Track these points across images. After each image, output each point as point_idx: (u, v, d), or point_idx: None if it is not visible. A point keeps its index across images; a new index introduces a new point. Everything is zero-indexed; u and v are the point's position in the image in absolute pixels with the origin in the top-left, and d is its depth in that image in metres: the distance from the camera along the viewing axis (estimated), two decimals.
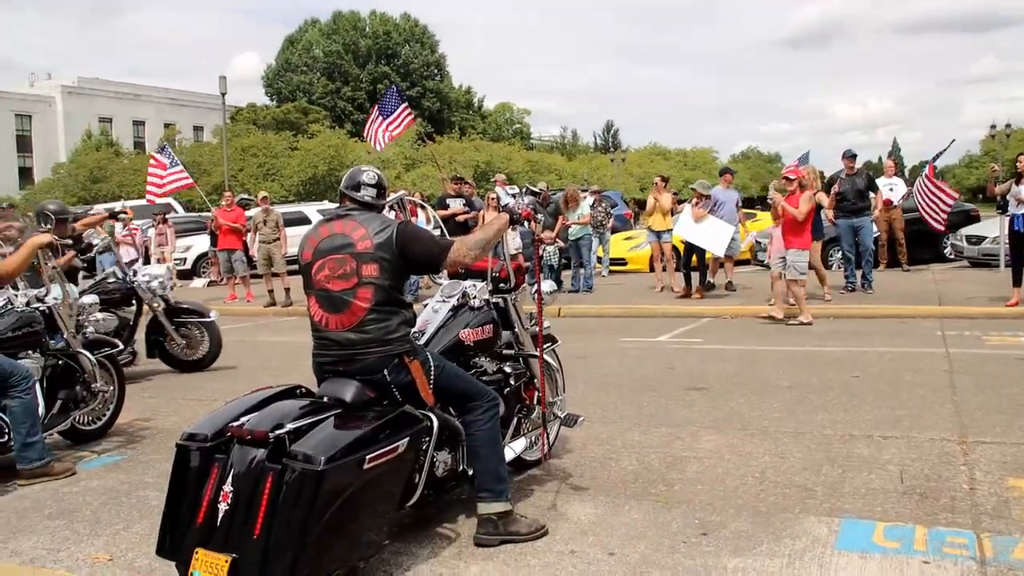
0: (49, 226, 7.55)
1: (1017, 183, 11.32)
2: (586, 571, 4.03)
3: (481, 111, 79.83)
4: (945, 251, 18.70)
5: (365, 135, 18.48)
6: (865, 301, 12.55)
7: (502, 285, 5.07)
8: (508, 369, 4.97)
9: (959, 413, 6.49)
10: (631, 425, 6.59)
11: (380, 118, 17.51)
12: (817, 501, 4.83)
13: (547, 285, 5.18)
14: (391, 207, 5.19)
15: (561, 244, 15.63)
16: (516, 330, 5.15)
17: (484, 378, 4.78)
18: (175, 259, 20.99)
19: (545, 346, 5.19)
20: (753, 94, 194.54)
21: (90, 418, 6.93)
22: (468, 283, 4.94)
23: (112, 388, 7.03)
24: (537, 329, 5.01)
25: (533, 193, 4.98)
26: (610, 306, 13.79)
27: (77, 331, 6.71)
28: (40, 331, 6.43)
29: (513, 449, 4.96)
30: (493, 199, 14.62)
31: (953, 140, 19.02)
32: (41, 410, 5.99)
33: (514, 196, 4.88)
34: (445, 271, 5.03)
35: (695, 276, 14.08)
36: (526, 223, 4.64)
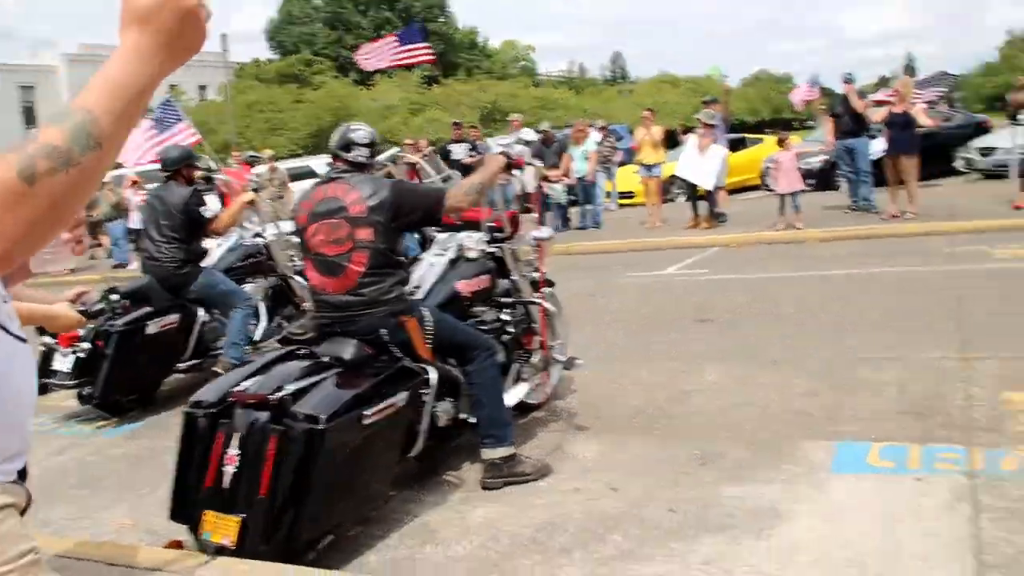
0: (256, 187, 8.98)
1: None
2: (590, 508, 4.16)
3: (486, 51, 78.97)
4: (957, 164, 18.53)
5: (365, 53, 18.06)
6: (870, 221, 12.53)
7: (497, 235, 5.13)
8: (506, 317, 5.06)
9: (960, 330, 6.54)
10: (638, 362, 6.68)
11: (397, 44, 17.22)
12: (817, 426, 4.93)
13: (544, 230, 5.25)
14: (385, 165, 5.24)
15: (569, 181, 15.60)
16: (514, 277, 5.23)
17: (483, 327, 4.88)
18: None
19: (543, 291, 5.28)
20: (761, 12, 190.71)
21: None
22: (464, 235, 5.01)
23: None
24: (537, 275, 5.10)
25: (525, 143, 5.10)
26: (617, 241, 13.75)
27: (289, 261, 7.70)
28: (263, 260, 7.75)
29: (514, 395, 5.07)
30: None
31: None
32: (264, 323, 7.40)
33: (506, 145, 4.96)
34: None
35: (702, 205, 14.06)
36: (519, 171, 4.69)
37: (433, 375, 4.28)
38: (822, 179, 17.47)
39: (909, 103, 12.47)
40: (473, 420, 4.55)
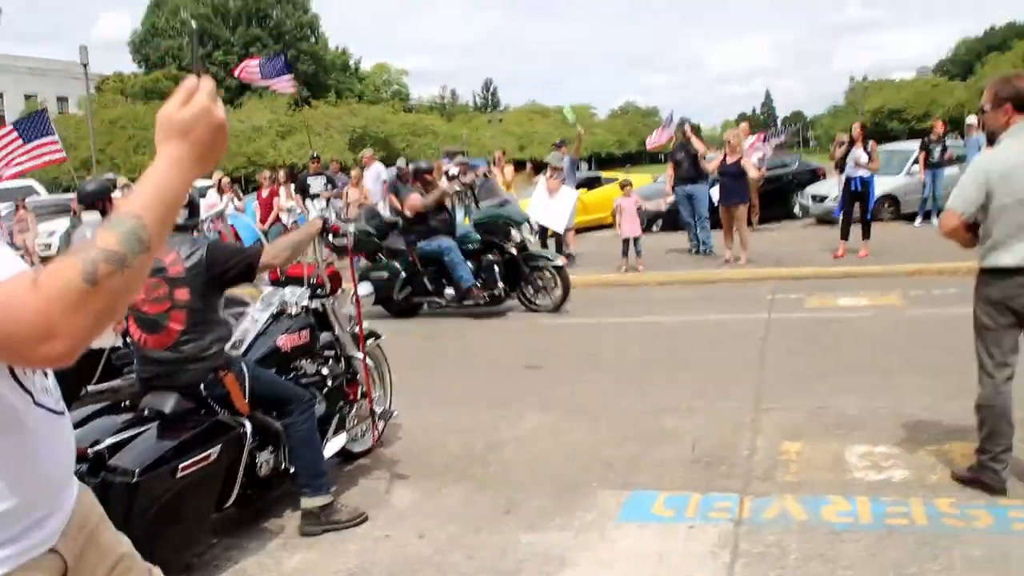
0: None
1: (854, 147, 12.70)
2: (397, 554, 4.47)
3: (358, 73, 78.94)
4: (795, 209, 19.70)
5: (236, 71, 18.26)
6: (707, 265, 13.32)
7: (319, 291, 5.41)
8: (325, 371, 5.34)
9: (759, 381, 7.14)
10: (465, 408, 7.00)
11: (259, 75, 17.39)
12: (615, 475, 5.35)
13: (363, 288, 5.55)
14: (212, 220, 5.48)
15: None
16: (336, 332, 5.51)
17: (303, 380, 5.14)
18: (40, 244, 20.39)
19: (367, 342, 5.58)
20: (632, 45, 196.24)
21: None
22: (287, 290, 5.27)
23: None
24: (358, 329, 5.40)
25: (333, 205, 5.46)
26: None
27: None
28: None
29: (335, 444, 5.34)
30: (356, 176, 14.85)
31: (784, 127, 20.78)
32: None
33: (321, 210, 5.23)
34: (267, 278, 5.37)
35: (551, 244, 14.57)
36: (332, 236, 4.98)
37: (248, 428, 4.53)
38: (670, 220, 18.32)
39: (740, 153, 13.35)
40: (292, 470, 4.81)
